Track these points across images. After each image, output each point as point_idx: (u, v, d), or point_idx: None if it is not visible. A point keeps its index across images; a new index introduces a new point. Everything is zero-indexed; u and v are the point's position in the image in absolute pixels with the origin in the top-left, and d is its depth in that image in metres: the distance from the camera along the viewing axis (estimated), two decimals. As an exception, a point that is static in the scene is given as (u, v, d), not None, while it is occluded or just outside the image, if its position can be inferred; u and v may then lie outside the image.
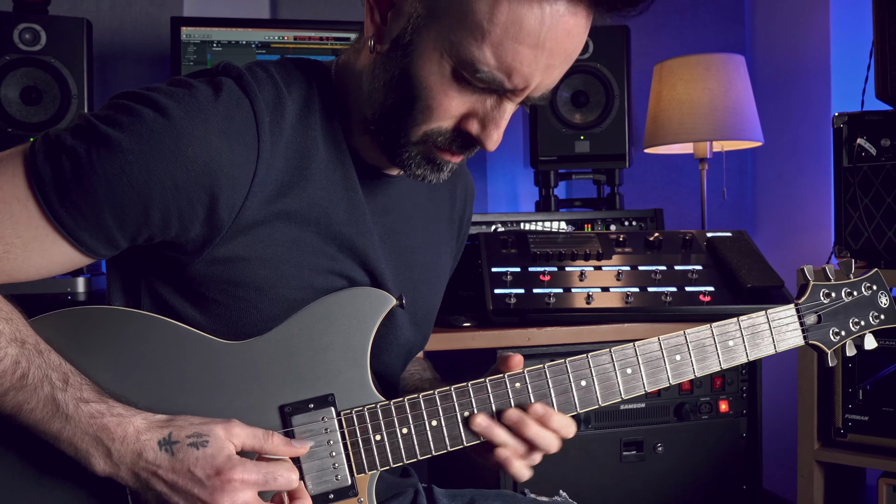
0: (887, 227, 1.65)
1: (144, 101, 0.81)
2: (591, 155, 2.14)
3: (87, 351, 0.85)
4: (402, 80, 0.85)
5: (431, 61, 0.83)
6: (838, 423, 1.69)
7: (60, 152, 0.79)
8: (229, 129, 0.82)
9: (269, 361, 0.88)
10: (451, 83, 0.83)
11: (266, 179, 0.85)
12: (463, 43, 0.81)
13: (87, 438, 0.79)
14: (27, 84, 1.79)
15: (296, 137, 0.88)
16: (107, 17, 2.24)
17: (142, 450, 0.79)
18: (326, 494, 0.88)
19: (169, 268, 0.88)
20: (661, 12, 2.67)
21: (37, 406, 0.79)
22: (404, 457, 0.89)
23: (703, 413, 1.77)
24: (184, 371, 0.86)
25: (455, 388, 0.91)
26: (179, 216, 0.82)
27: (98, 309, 0.88)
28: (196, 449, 0.79)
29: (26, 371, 0.79)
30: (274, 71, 0.90)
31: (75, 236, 0.81)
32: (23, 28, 1.78)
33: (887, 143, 1.63)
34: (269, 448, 0.83)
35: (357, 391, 0.89)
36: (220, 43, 1.95)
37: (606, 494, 1.73)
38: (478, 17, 0.79)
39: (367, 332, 0.90)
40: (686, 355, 0.97)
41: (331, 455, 0.88)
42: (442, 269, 1.11)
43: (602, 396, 0.94)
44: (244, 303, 0.88)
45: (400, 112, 0.86)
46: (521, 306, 1.67)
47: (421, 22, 0.82)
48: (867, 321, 1.05)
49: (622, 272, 1.75)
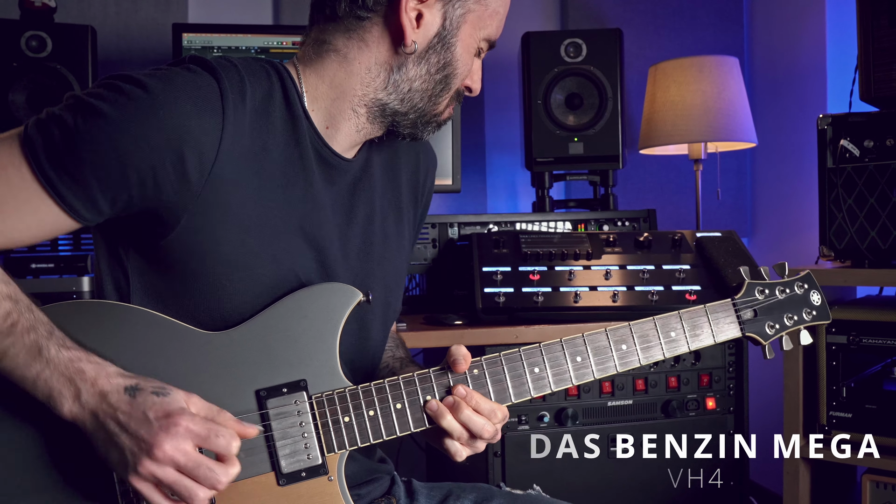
0: (870, 227, 1.67)
1: (125, 79, 0.90)
2: (585, 156, 2.17)
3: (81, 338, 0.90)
4: (445, 66, 1.02)
5: (470, 47, 1.04)
6: (823, 420, 1.71)
7: (51, 122, 0.88)
8: (198, 97, 0.90)
9: (246, 349, 0.93)
10: (473, 56, 1.06)
11: (232, 152, 0.92)
12: (487, 25, 1.04)
13: (63, 379, 0.85)
14: (34, 89, 1.86)
15: (257, 121, 0.96)
16: (113, 23, 2.31)
17: (108, 392, 0.85)
18: (299, 472, 0.93)
19: (151, 247, 0.94)
20: (660, 14, 2.70)
21: (21, 350, 0.86)
22: (371, 437, 0.95)
23: (690, 410, 1.79)
24: (166, 359, 0.92)
25: (418, 374, 0.96)
26: (153, 176, 0.89)
27: (89, 302, 0.95)
28: (156, 396, 0.86)
29: (16, 321, 0.86)
30: (239, 63, 0.98)
31: (60, 195, 0.88)
32: (30, 35, 1.84)
33: (870, 145, 1.66)
34: (220, 420, 0.88)
35: (327, 377, 0.94)
36: (221, 49, 2.01)
37: (595, 490, 1.76)
38: (494, 3, 1.03)
39: (337, 324, 0.96)
40: (632, 345, 1.04)
41: (303, 436, 0.93)
42: (403, 250, 1.18)
43: (554, 382, 1.00)
44: (219, 278, 0.94)
45: (440, 90, 1.04)
46: (510, 305, 1.71)
47: (461, 19, 1.01)
48: (801, 317, 1.13)
49: (611, 271, 1.78)
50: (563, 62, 2.15)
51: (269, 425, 0.93)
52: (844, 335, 1.68)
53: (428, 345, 1.67)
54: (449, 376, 0.97)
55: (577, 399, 1.75)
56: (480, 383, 0.98)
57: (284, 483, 0.92)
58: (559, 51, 2.15)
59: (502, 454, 1.71)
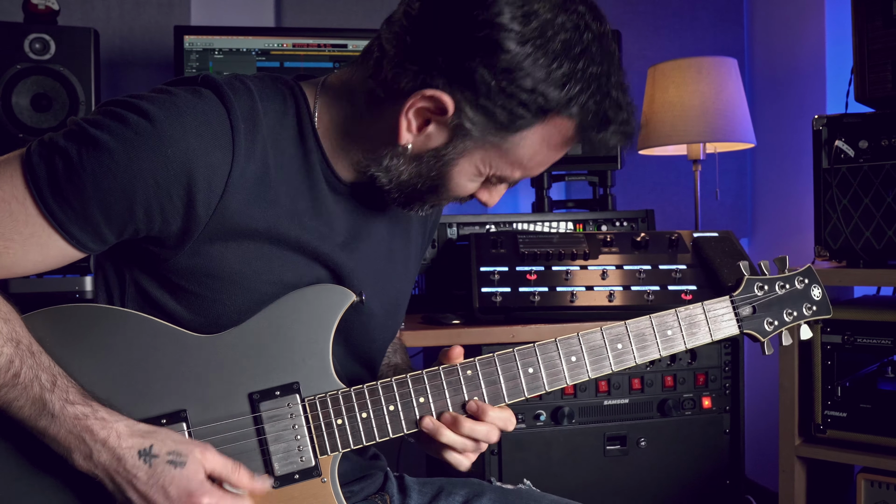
0: (864, 227, 1.68)
1: (129, 107, 0.88)
2: (583, 157, 2.18)
3: (71, 345, 0.92)
4: (435, 178, 0.97)
5: (468, 172, 0.97)
6: (818, 419, 1.73)
7: (54, 153, 0.87)
8: (206, 132, 0.89)
9: (239, 353, 0.95)
10: (478, 181, 0.99)
11: (240, 182, 0.92)
12: (502, 169, 0.97)
13: (72, 438, 0.86)
14: (37, 91, 1.88)
15: (268, 147, 0.95)
16: (116, 25, 2.33)
17: (122, 456, 0.86)
18: (292, 475, 0.94)
19: (152, 263, 0.95)
20: (660, 15, 2.71)
21: (26, 404, 0.86)
22: (364, 439, 0.96)
23: (686, 409, 1.81)
24: (160, 363, 0.93)
25: (411, 376, 0.97)
26: (161, 211, 0.89)
27: (83, 306, 0.95)
28: (174, 467, 0.86)
29: (18, 370, 0.86)
30: (252, 85, 0.96)
31: (67, 230, 0.88)
32: (33, 38, 1.87)
33: (865, 145, 1.67)
34: (235, 480, 0.90)
35: (320, 379, 0.96)
36: (222, 51, 2.03)
37: (590, 488, 1.77)
38: (520, 158, 0.95)
39: (329, 325, 0.97)
40: (627, 344, 1.03)
41: (296, 438, 0.95)
42: (409, 271, 1.17)
43: (548, 382, 1.00)
44: (220, 294, 0.95)
45: (423, 193, 0.99)
46: (507, 304, 1.73)
47: (467, 149, 0.94)
48: (800, 312, 1.12)
49: (608, 271, 1.79)
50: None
51: (262, 428, 0.94)
52: (839, 335, 1.69)
53: (425, 343, 1.69)
54: (442, 377, 0.98)
55: (574, 398, 1.76)
56: (474, 384, 0.99)
57: (278, 485, 0.94)
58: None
59: (499, 452, 1.73)
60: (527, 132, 0.92)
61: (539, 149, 0.94)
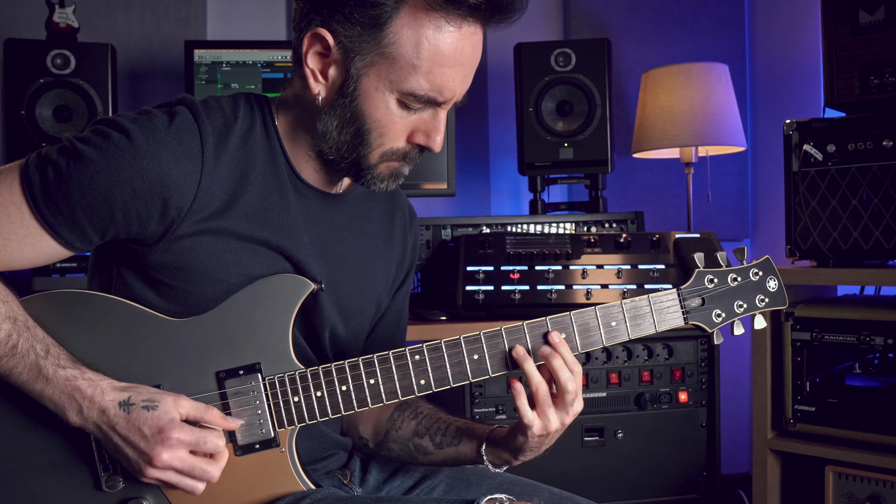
0: (832, 228, 1.74)
1: (113, 126, 1.03)
2: (574, 161, 2.27)
3: (62, 323, 1.06)
4: (353, 119, 1.05)
5: (376, 99, 1.04)
6: (788, 413, 1.78)
7: (47, 165, 1.02)
8: (178, 146, 1.03)
9: (208, 336, 1.06)
10: (395, 111, 1.05)
11: (210, 187, 1.05)
12: (400, 79, 1.02)
13: (64, 397, 1.00)
14: (59, 104, 2.04)
15: (238, 156, 1.08)
16: (137, 39, 2.49)
17: (105, 408, 0.99)
18: (253, 444, 1.06)
19: (134, 259, 1.08)
20: (662, 22, 2.76)
21: (24, 370, 1.00)
22: (318, 415, 1.07)
23: (662, 403, 1.88)
24: (138, 343, 1.06)
25: (363, 359, 1.07)
26: (138, 216, 1.03)
27: (72, 292, 1.09)
28: (147, 410, 0.99)
29: (16, 342, 1.00)
30: (225, 103, 1.10)
31: (56, 231, 1.02)
32: (55, 54, 2.03)
33: (832, 149, 1.72)
34: (208, 418, 1.02)
35: (280, 360, 1.07)
36: (229, 63, 2.16)
37: (568, 477, 1.86)
38: (406, 57, 1.01)
39: (290, 311, 1.08)
40: (572, 334, 1.11)
41: (257, 413, 1.06)
42: (374, 281, 1.25)
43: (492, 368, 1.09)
44: (192, 286, 1.07)
45: (357, 144, 1.07)
46: (489, 302, 1.83)
47: (361, 72, 1.03)
48: (752, 304, 1.15)
49: (588, 271, 1.88)
50: (553, 71, 2.25)
51: (227, 403, 1.06)
52: (808, 332, 1.75)
53: (410, 338, 1.78)
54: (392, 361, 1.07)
55: (553, 391, 1.85)
56: (422, 369, 1.08)
57: (241, 453, 1.05)
58: (549, 60, 2.25)
59: (481, 442, 1.82)
60: (396, 23, 1.00)
61: (420, 41, 1.00)
